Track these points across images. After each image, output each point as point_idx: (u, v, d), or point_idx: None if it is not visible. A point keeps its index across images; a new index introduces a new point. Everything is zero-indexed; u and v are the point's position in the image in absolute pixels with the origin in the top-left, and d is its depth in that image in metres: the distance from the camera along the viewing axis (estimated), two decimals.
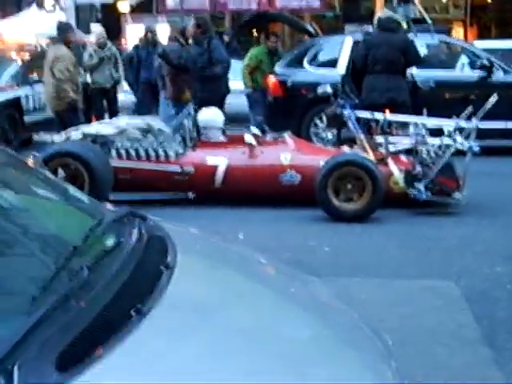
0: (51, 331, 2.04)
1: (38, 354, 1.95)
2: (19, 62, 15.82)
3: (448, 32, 16.50)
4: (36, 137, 10.84)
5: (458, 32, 25.91)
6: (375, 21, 12.15)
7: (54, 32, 14.10)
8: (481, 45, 16.07)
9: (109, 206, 3.30)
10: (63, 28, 12.52)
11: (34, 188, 3.11)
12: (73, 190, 3.27)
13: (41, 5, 26.35)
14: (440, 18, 25.73)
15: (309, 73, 13.54)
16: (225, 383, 2.15)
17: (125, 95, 15.56)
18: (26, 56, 16.18)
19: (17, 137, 13.73)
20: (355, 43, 13.27)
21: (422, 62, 12.11)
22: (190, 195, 9.48)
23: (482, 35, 26.27)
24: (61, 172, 8.22)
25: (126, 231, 2.80)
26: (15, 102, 14.64)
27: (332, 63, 13.68)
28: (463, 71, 14.04)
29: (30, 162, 3.80)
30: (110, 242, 2.68)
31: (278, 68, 13.92)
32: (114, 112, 14.49)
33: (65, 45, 12.04)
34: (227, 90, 12.25)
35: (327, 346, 2.67)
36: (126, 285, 2.40)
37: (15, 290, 2.35)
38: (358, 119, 9.92)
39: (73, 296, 2.22)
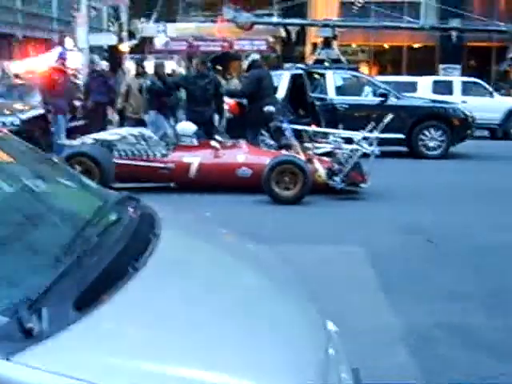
0: (70, 282, 2.00)
1: (60, 298, 1.91)
2: None
3: (357, 69, 16.51)
4: (59, 142, 10.63)
5: (364, 69, 26.02)
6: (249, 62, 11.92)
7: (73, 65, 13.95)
8: (380, 79, 16.17)
9: (112, 191, 3.25)
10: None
11: (58, 178, 3.05)
12: (86, 179, 3.22)
13: (63, 46, 26.03)
14: (351, 59, 25.79)
15: None
16: (196, 319, 2.14)
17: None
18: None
19: (46, 141, 13.48)
20: (291, 76, 13.25)
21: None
22: (172, 184, 9.41)
23: (381, 72, 26.44)
24: (77, 167, 8.09)
25: (125, 209, 2.76)
26: (43, 116, 14.42)
27: (274, 90, 13.60)
28: (367, 97, 14.15)
29: (56, 159, 3.73)
30: (113, 216, 2.64)
31: None
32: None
33: None
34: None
35: (269, 292, 2.65)
36: (124, 248, 2.35)
37: (43, 251, 2.30)
38: (294, 130, 9.93)
39: (85, 256, 2.18)
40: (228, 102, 12.56)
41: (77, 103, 13.55)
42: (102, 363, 1.75)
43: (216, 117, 11.95)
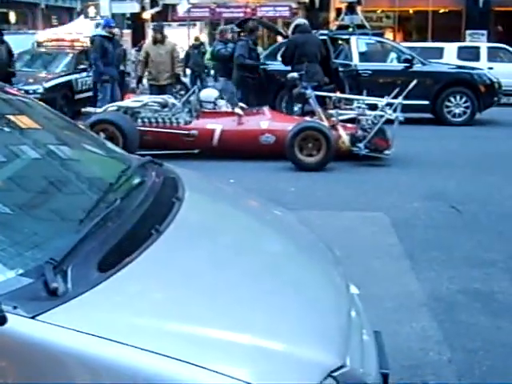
0: (93, 244, 2.02)
1: (84, 260, 1.93)
2: (71, 56, 15.63)
3: (381, 35, 16.26)
4: (84, 110, 10.65)
5: (389, 35, 25.65)
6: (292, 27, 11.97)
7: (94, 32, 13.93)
8: (405, 45, 15.94)
9: (135, 156, 3.25)
10: None
11: (82, 143, 3.07)
12: (110, 145, 3.22)
13: (86, 15, 26.02)
14: (376, 25, 25.43)
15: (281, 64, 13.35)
16: (221, 280, 2.15)
17: None
18: (76, 51, 15.94)
19: (70, 110, 13.53)
20: None
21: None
22: (196, 151, 9.41)
23: (406, 38, 26.09)
24: (101, 134, 8.11)
25: (148, 173, 2.77)
26: (68, 84, 14.48)
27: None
28: (392, 63, 13.97)
29: (81, 126, 3.73)
30: (135, 180, 2.65)
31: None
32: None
33: None
34: None
35: (294, 257, 2.66)
36: (147, 211, 2.36)
37: (68, 215, 2.32)
38: (317, 96, 9.85)
39: (109, 219, 2.19)
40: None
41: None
42: (126, 322, 1.77)
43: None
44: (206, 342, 1.80)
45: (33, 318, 1.66)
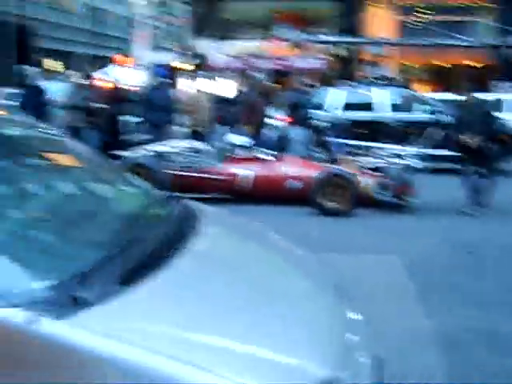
0: (116, 262, 2.31)
1: (107, 274, 2.21)
2: None
3: (408, 87, 16.41)
4: (116, 152, 10.97)
5: (424, 88, 25.70)
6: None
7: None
8: (437, 96, 15.96)
9: (160, 192, 3.54)
10: None
11: (114, 180, 3.42)
12: (138, 182, 3.54)
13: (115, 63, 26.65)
14: (408, 77, 25.68)
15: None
16: (231, 302, 2.40)
17: None
18: None
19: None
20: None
21: None
22: (225, 195, 9.54)
23: (437, 90, 26.25)
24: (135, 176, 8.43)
25: (169, 206, 3.06)
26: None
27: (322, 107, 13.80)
28: (419, 114, 14.03)
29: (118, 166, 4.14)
30: (157, 212, 2.95)
31: None
32: None
33: None
34: None
35: (311, 293, 2.89)
36: (165, 238, 2.66)
37: (96, 237, 2.61)
38: (343, 144, 10.13)
39: (131, 243, 2.48)
40: (281, 117, 12.88)
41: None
42: (140, 328, 2.04)
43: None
44: (215, 349, 2.06)
45: (58, 320, 1.94)
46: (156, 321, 2.12)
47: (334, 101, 13.86)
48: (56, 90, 13.27)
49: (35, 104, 11.28)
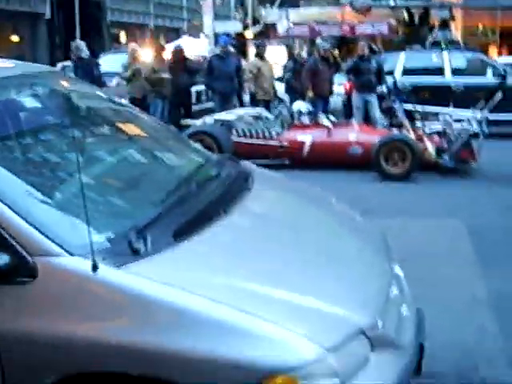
0: (171, 217, 2.50)
1: (162, 228, 2.40)
2: None
3: (474, 50, 16.06)
4: (182, 121, 11.22)
5: (492, 51, 25.06)
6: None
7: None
8: (501, 60, 15.67)
9: (215, 154, 3.72)
10: None
11: (175, 144, 3.63)
12: (197, 145, 3.73)
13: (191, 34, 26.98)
14: (477, 40, 25.08)
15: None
16: (280, 254, 2.56)
17: None
18: None
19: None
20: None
21: None
22: (286, 161, 9.76)
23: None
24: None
25: (225, 167, 3.24)
26: None
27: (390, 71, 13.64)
28: (484, 78, 13.79)
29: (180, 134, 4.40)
30: (213, 172, 3.13)
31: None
32: None
33: None
34: None
35: (362, 254, 2.99)
36: (219, 196, 2.83)
37: (153, 195, 2.78)
38: (405, 110, 10.06)
39: (185, 200, 2.66)
40: (344, 83, 12.85)
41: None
42: (192, 276, 2.22)
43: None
44: (270, 299, 2.22)
45: (117, 267, 2.13)
46: (209, 269, 2.29)
47: (401, 66, 13.74)
48: (120, 63, 13.46)
49: (90, 77, 11.52)
